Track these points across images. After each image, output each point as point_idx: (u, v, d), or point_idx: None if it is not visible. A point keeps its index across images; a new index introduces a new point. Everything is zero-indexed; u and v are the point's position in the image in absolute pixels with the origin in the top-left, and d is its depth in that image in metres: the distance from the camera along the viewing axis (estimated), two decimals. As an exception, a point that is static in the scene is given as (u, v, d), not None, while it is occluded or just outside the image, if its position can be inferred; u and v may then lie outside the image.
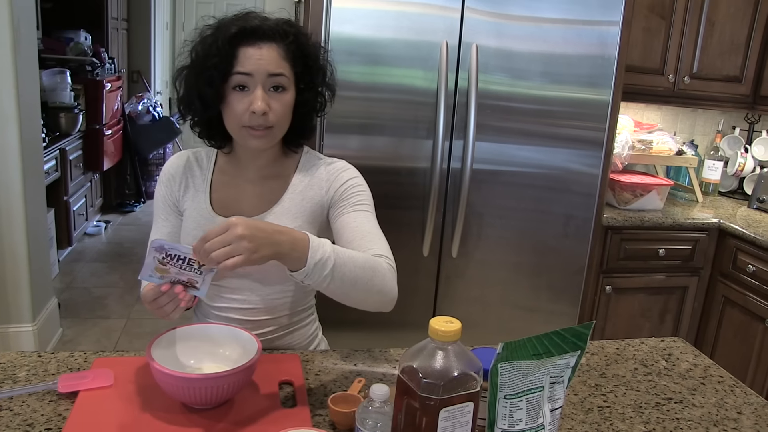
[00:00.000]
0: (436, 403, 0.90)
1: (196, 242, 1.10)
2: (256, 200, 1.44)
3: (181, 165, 1.49)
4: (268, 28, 1.31)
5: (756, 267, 2.69)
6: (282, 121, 1.35)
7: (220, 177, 1.47)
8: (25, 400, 1.14)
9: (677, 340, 1.62)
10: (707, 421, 1.25)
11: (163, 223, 1.48)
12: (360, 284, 1.20)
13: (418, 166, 2.33)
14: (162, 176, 1.50)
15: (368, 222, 1.40)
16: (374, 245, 1.32)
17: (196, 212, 1.44)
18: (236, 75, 1.29)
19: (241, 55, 1.29)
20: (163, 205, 1.48)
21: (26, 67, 2.95)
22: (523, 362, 0.95)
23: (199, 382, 1.08)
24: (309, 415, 1.15)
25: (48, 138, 4.11)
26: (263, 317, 1.45)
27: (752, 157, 3.40)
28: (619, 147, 2.92)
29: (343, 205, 1.42)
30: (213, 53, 1.30)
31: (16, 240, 2.98)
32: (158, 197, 1.50)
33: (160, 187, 1.49)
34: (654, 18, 2.90)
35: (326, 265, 1.14)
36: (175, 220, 1.48)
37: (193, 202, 1.45)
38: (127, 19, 6.44)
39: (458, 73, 2.29)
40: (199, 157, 1.51)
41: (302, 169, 1.47)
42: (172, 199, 1.48)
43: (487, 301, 2.53)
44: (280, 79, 1.32)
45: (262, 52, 1.30)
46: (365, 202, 1.44)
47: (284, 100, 1.34)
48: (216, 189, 1.46)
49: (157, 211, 1.50)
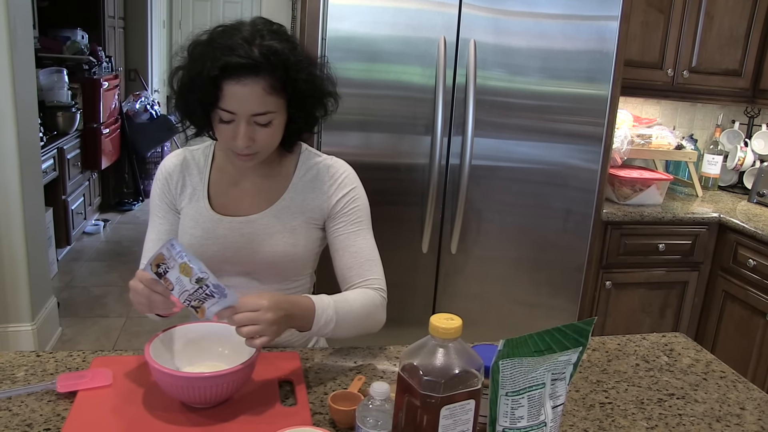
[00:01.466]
0: (437, 401, 0.89)
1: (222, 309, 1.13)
2: (256, 199, 1.44)
3: (178, 164, 1.48)
4: (253, 64, 1.23)
5: (756, 261, 2.68)
6: (268, 145, 1.34)
7: (218, 176, 1.47)
8: (24, 400, 1.14)
9: (679, 336, 1.62)
10: (710, 417, 1.24)
11: (160, 221, 1.47)
12: (354, 330, 1.37)
13: (416, 163, 2.33)
14: (159, 174, 1.48)
15: (366, 245, 1.46)
16: (371, 273, 1.44)
17: (194, 211, 1.43)
18: (220, 110, 1.27)
19: (225, 91, 1.24)
20: (160, 203, 1.47)
21: (23, 66, 2.94)
22: (524, 359, 0.94)
23: (198, 381, 1.07)
24: (309, 413, 1.14)
25: (45, 137, 4.09)
26: None
27: (752, 151, 3.40)
28: (618, 142, 2.91)
29: (342, 222, 1.44)
30: (196, 87, 1.27)
31: (15, 240, 2.98)
32: (155, 195, 1.49)
33: (157, 186, 1.48)
34: (652, 12, 2.89)
35: (328, 326, 1.29)
36: (172, 218, 1.47)
37: (190, 201, 1.45)
38: (124, 18, 6.42)
39: (456, 69, 2.28)
40: (197, 155, 1.49)
41: (302, 168, 1.47)
42: (169, 198, 1.47)
43: (486, 298, 2.52)
44: (264, 117, 1.28)
45: (246, 90, 1.24)
46: (363, 218, 1.48)
47: (270, 132, 1.31)
48: (214, 188, 1.46)
49: (154, 209, 1.49)
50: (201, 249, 1.40)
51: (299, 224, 1.42)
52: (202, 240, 1.41)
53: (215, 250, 1.41)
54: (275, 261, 1.42)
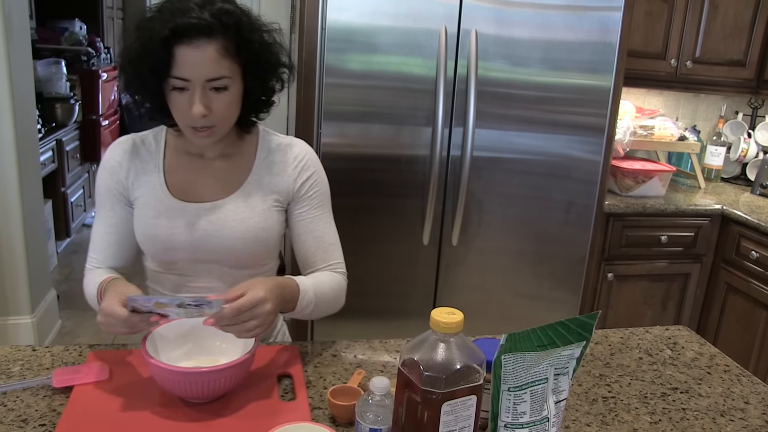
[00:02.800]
0: (438, 397, 0.88)
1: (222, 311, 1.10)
2: (220, 183, 1.38)
3: (127, 150, 1.39)
4: (206, 24, 1.18)
5: (759, 253, 2.66)
6: (226, 118, 1.29)
7: (174, 158, 1.39)
8: (19, 395, 1.13)
9: (682, 329, 1.60)
10: (714, 411, 1.23)
11: (108, 214, 1.39)
12: (324, 312, 1.40)
13: (417, 154, 2.31)
14: (105, 164, 1.39)
15: (329, 229, 1.46)
16: (334, 257, 1.46)
17: (152, 198, 1.36)
18: (173, 78, 1.21)
19: (177, 56, 1.18)
20: (107, 195, 1.39)
21: (20, 57, 2.92)
22: (527, 354, 0.92)
23: (195, 376, 1.06)
24: (308, 408, 1.13)
25: (44, 129, 4.07)
26: None
27: (755, 143, 3.37)
28: (621, 133, 2.89)
29: (306, 206, 1.43)
30: (146, 53, 1.20)
31: (13, 232, 2.96)
32: (102, 187, 1.40)
33: (104, 176, 1.39)
34: (656, 2, 2.86)
35: (308, 307, 1.32)
36: (121, 210, 1.39)
37: (146, 189, 1.37)
38: (123, 8, 6.39)
39: (457, 60, 2.26)
40: (146, 140, 1.41)
41: (263, 149, 1.42)
42: (119, 189, 1.38)
43: (488, 290, 2.51)
44: (220, 82, 1.23)
45: (199, 54, 1.18)
46: (325, 201, 1.47)
47: (226, 100, 1.25)
48: (171, 171, 1.38)
49: (101, 202, 1.40)
50: (167, 239, 1.34)
51: (268, 207, 1.38)
52: (167, 230, 1.34)
53: (183, 239, 1.34)
54: (246, 246, 1.37)
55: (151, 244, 1.37)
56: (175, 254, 1.36)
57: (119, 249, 1.40)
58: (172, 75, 1.20)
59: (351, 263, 1.48)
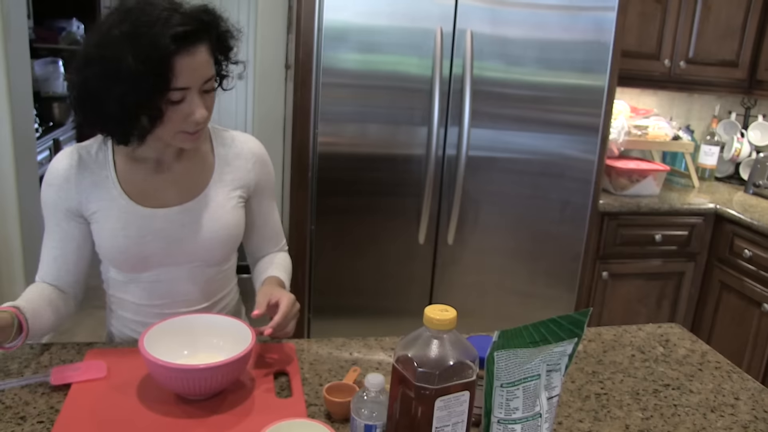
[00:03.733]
0: (431, 393, 0.89)
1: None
2: (183, 185, 1.35)
3: (74, 165, 1.31)
4: (196, 28, 1.15)
5: (752, 252, 2.68)
6: (210, 115, 1.27)
7: (126, 166, 1.33)
8: (17, 393, 1.13)
9: (674, 327, 1.62)
10: (705, 407, 1.24)
11: (54, 229, 1.34)
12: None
13: (413, 154, 2.32)
14: (51, 179, 1.31)
15: (277, 216, 1.55)
16: (282, 239, 1.58)
17: (115, 210, 1.31)
18: (172, 92, 1.15)
19: (177, 68, 1.13)
20: (54, 211, 1.32)
21: (17, 56, 2.92)
22: (519, 350, 0.94)
23: (193, 373, 1.07)
24: (304, 405, 1.14)
25: (41, 128, 4.07)
26: (204, 304, 1.42)
27: (748, 142, 3.39)
28: (615, 133, 2.91)
29: (263, 196, 1.48)
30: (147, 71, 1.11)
31: (10, 232, 2.96)
32: (48, 202, 1.32)
33: (50, 192, 1.31)
34: (649, 2, 2.88)
35: None
36: (67, 226, 1.33)
37: (104, 201, 1.31)
38: (120, 8, 6.37)
39: (453, 59, 2.27)
40: (91, 150, 1.33)
41: (218, 143, 1.41)
42: (67, 205, 1.31)
43: (483, 288, 2.52)
44: (211, 82, 1.22)
45: (195, 59, 1.16)
46: (273, 190, 1.53)
47: (213, 98, 1.25)
48: (126, 180, 1.32)
49: (47, 217, 1.34)
50: (139, 249, 1.31)
51: (234, 204, 1.39)
52: (138, 239, 1.30)
53: (157, 246, 1.32)
54: (221, 243, 1.37)
55: (121, 255, 1.32)
56: (148, 262, 1.33)
57: (65, 264, 1.35)
58: (172, 88, 1.15)
59: (348, 262, 1.50)
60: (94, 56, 1.15)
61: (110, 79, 1.13)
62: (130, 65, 1.10)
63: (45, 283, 1.37)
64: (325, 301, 1.68)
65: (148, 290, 1.37)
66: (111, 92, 1.14)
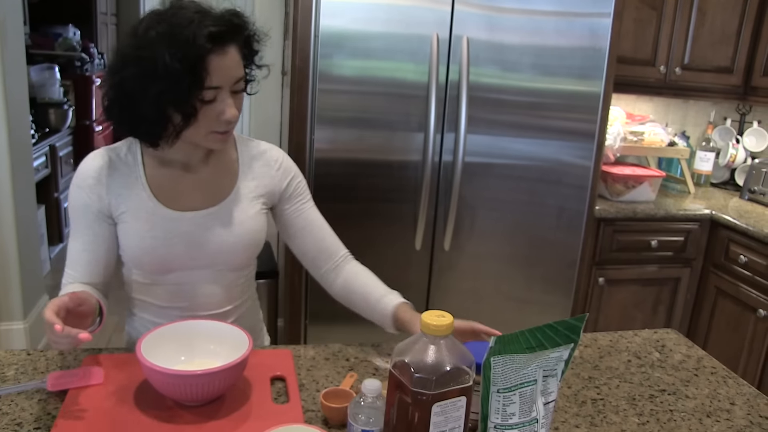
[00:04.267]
0: (428, 398, 0.89)
1: None
2: (208, 190, 1.37)
3: (104, 166, 1.33)
4: (228, 29, 1.20)
5: (748, 258, 2.69)
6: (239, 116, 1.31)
7: (155, 170, 1.36)
8: (14, 399, 1.13)
9: (670, 332, 1.62)
10: (700, 413, 1.25)
11: (85, 231, 1.34)
12: None
13: (409, 160, 2.33)
14: (81, 181, 1.33)
15: (322, 217, 1.51)
16: (340, 245, 1.51)
17: (143, 212, 1.32)
18: (205, 91, 1.19)
19: (211, 67, 1.17)
20: (85, 212, 1.33)
21: (13, 62, 2.92)
22: (515, 356, 0.94)
23: (190, 379, 1.07)
24: (301, 410, 1.14)
25: (37, 134, 4.07)
26: (229, 306, 1.43)
27: (743, 148, 3.41)
28: (611, 139, 2.92)
29: (299, 200, 1.47)
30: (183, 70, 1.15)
31: (6, 237, 2.96)
32: (78, 204, 1.34)
33: (81, 193, 1.33)
34: (645, 9, 2.90)
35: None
36: (99, 228, 1.34)
37: (133, 203, 1.33)
38: (116, 14, 6.39)
39: (449, 66, 2.28)
40: (121, 153, 1.36)
41: (243, 154, 1.44)
42: (98, 206, 1.33)
43: (480, 294, 2.52)
44: (241, 82, 1.26)
45: (228, 58, 1.20)
46: (310, 195, 1.52)
47: (241, 99, 1.29)
48: (155, 183, 1.35)
49: (77, 219, 1.35)
50: (166, 250, 1.33)
51: (258, 210, 1.41)
52: (164, 241, 1.32)
53: (181, 249, 1.34)
54: (244, 248, 1.39)
55: (147, 256, 1.34)
56: (172, 264, 1.36)
57: (96, 266, 1.36)
58: (206, 86, 1.18)
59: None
60: (131, 57, 1.18)
61: (147, 79, 1.16)
62: (167, 63, 1.14)
63: (78, 284, 1.36)
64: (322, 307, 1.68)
65: (170, 292, 1.39)
66: (147, 92, 1.17)
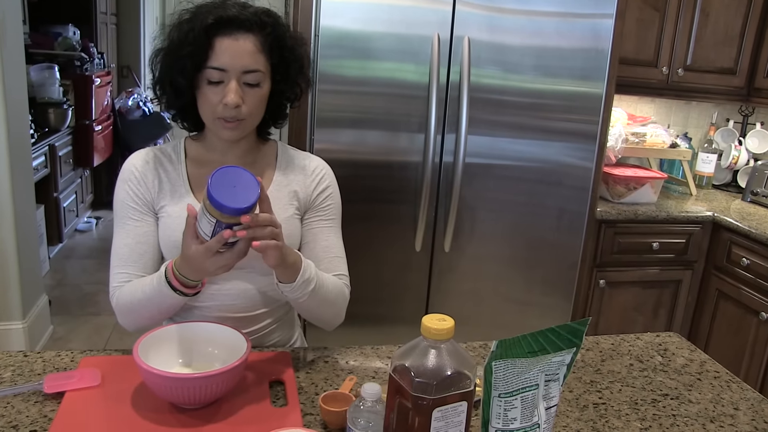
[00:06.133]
0: (429, 403, 0.88)
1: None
2: None
3: (149, 161, 1.39)
4: (246, 18, 1.26)
5: (750, 260, 2.68)
6: (255, 114, 1.33)
7: (196, 170, 1.40)
8: (10, 401, 1.12)
9: (672, 335, 1.61)
10: (704, 418, 1.24)
11: (136, 224, 1.36)
12: (322, 308, 1.36)
13: (410, 161, 2.31)
14: (127, 176, 1.38)
15: (337, 241, 1.47)
16: (340, 269, 1.44)
17: (181, 209, 1.34)
18: (210, 69, 1.25)
19: (217, 47, 1.25)
20: (134, 206, 1.37)
21: (13, 62, 2.91)
22: (517, 360, 0.93)
23: (187, 382, 1.06)
24: (300, 414, 1.13)
25: (37, 134, 4.06)
26: (261, 310, 1.42)
27: (746, 150, 3.40)
28: (613, 140, 2.90)
29: (318, 215, 1.45)
30: (188, 42, 1.25)
31: (5, 237, 2.95)
32: (125, 198, 1.37)
33: (128, 187, 1.37)
34: (647, 9, 2.88)
35: (309, 285, 1.27)
36: (148, 220, 1.38)
37: (173, 199, 1.37)
38: (116, 14, 6.38)
39: (450, 66, 2.27)
40: (166, 152, 1.42)
41: (282, 161, 1.45)
42: (145, 198, 1.37)
43: (480, 296, 2.51)
44: (255, 76, 1.28)
45: (239, 45, 1.25)
46: (336, 216, 1.49)
47: (258, 95, 1.30)
48: (195, 182, 1.39)
49: (125, 213, 1.37)
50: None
51: (291, 214, 1.41)
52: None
53: None
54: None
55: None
56: None
57: (150, 260, 1.37)
58: (210, 65, 1.25)
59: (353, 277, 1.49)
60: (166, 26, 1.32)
61: (166, 56, 1.30)
62: (173, 39, 1.28)
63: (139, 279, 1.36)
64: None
65: (204, 292, 1.38)
66: (166, 70, 1.31)
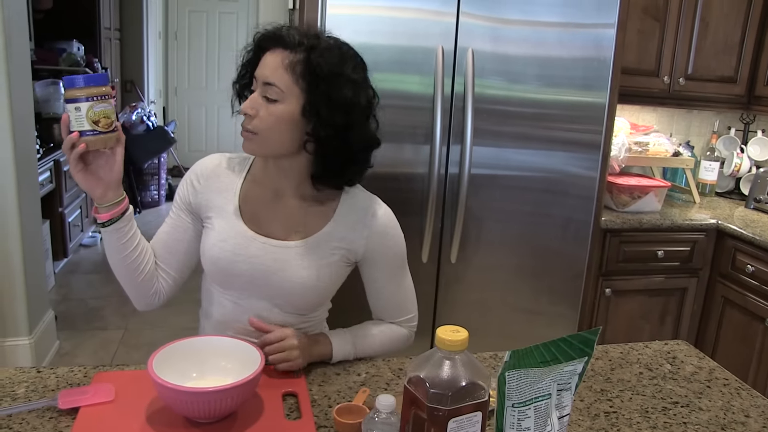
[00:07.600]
0: (444, 414, 0.89)
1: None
2: (292, 223, 1.39)
3: (212, 168, 1.44)
4: (284, 35, 1.30)
5: (755, 267, 2.68)
6: (268, 132, 1.30)
7: (252, 189, 1.41)
8: (25, 417, 1.13)
9: (681, 343, 1.61)
10: (715, 425, 1.24)
11: (176, 221, 1.44)
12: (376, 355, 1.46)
13: (416, 172, 2.32)
14: (191, 175, 1.44)
15: (401, 285, 1.52)
16: (404, 311, 1.54)
17: (226, 224, 1.38)
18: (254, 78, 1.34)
19: (261, 60, 1.33)
20: (182, 203, 1.44)
21: (19, 78, 2.93)
22: (530, 370, 0.93)
23: (201, 396, 1.06)
24: (314, 426, 1.13)
25: (42, 149, 4.08)
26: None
27: (748, 157, 3.41)
28: (616, 149, 2.92)
29: (374, 266, 1.45)
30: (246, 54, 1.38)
31: (12, 252, 2.96)
32: (180, 193, 1.45)
33: (185, 185, 1.44)
34: (648, 20, 2.90)
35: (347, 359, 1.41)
36: (188, 220, 1.43)
37: (219, 210, 1.40)
38: (120, 29, 6.42)
39: (454, 77, 2.28)
40: (233, 163, 1.45)
41: (346, 201, 1.43)
42: (194, 200, 1.42)
43: (487, 306, 2.51)
44: (272, 90, 1.28)
45: (271, 57, 1.30)
46: (400, 262, 1.50)
47: (274, 111, 1.29)
48: (246, 201, 1.40)
49: (174, 205, 1.46)
50: (229, 265, 1.36)
51: (335, 260, 1.39)
52: (231, 255, 1.36)
53: (244, 269, 1.36)
54: (303, 292, 1.37)
55: (213, 265, 1.38)
56: (233, 281, 1.38)
57: (170, 252, 1.43)
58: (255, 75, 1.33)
59: (350, 282, 1.49)
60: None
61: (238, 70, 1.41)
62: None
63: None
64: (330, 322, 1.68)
65: (229, 309, 1.41)
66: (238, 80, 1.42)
